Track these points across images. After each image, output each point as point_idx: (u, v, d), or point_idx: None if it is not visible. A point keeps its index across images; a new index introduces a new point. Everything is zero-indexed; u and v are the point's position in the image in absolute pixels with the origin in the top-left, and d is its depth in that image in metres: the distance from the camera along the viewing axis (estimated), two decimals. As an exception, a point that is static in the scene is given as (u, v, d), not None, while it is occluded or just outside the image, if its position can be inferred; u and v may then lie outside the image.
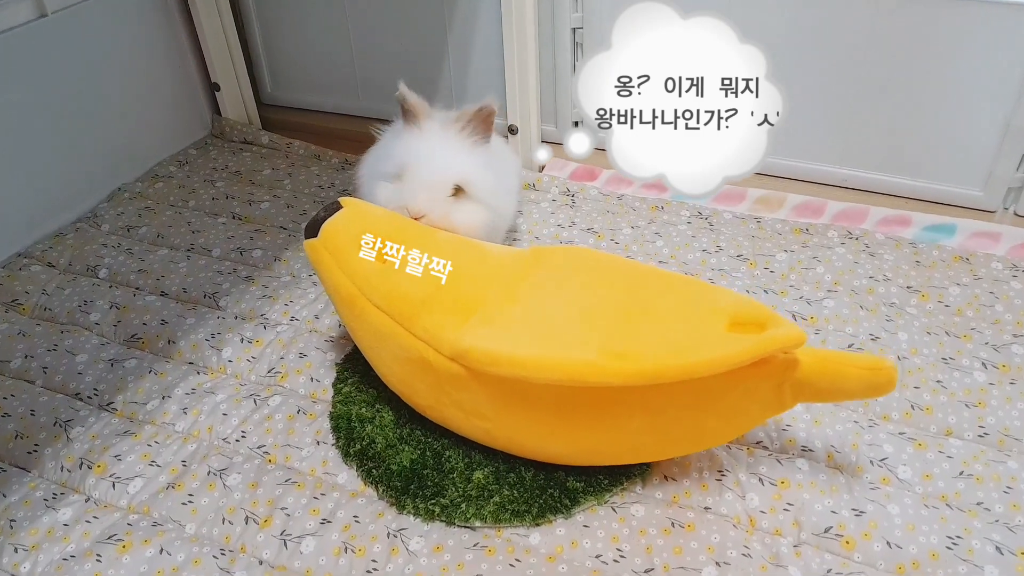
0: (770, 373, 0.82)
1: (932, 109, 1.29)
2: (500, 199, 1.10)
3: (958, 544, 0.84)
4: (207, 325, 1.18)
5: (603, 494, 0.90)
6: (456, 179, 1.03)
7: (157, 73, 1.60)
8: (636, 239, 1.30)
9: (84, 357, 1.13)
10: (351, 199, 0.97)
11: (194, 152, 1.65)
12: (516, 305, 0.89)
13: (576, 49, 1.48)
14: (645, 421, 0.85)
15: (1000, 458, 0.93)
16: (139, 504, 0.93)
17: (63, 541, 0.89)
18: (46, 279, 1.29)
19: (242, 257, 1.32)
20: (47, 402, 1.07)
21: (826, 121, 1.37)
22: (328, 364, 1.10)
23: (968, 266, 1.20)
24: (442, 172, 1.02)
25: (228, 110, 1.71)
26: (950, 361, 1.04)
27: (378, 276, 0.91)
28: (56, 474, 0.98)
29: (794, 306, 1.14)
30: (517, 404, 0.87)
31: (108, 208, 1.47)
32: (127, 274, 1.29)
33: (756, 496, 0.89)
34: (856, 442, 0.95)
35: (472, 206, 1.05)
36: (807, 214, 1.35)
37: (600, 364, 0.80)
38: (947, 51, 1.24)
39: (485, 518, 0.88)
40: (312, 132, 1.72)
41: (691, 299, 0.87)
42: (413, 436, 0.97)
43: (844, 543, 0.85)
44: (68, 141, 1.44)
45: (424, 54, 1.59)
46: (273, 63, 1.77)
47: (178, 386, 1.08)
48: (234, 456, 0.98)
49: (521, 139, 1.49)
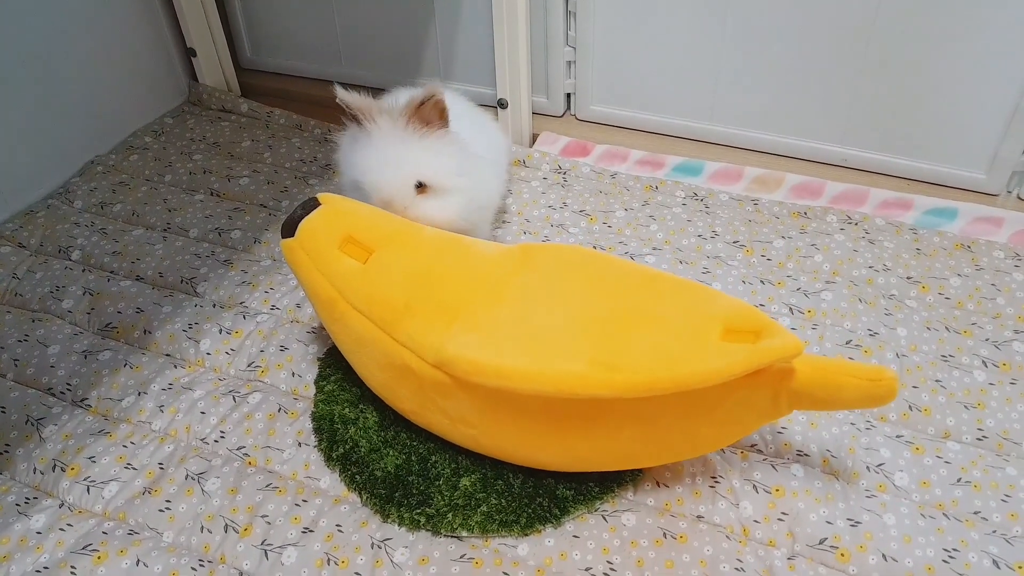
0: (766, 383, 0.79)
1: (937, 88, 1.25)
2: (474, 182, 1.05)
3: (955, 557, 0.82)
4: (184, 314, 1.13)
5: (593, 502, 0.88)
6: (414, 178, 0.99)
7: (130, 37, 1.52)
8: (630, 222, 1.25)
9: (56, 348, 1.09)
10: (330, 195, 0.92)
11: (170, 121, 1.59)
12: (503, 309, 0.85)
13: (569, 18, 1.42)
14: (637, 430, 0.83)
15: (999, 463, 0.90)
16: (115, 510, 0.90)
17: (36, 551, 0.86)
18: (16, 261, 1.25)
19: (220, 238, 1.27)
20: (18, 398, 1.03)
21: (827, 99, 1.32)
22: (310, 358, 1.06)
23: (970, 254, 1.16)
24: (398, 175, 0.98)
25: (205, 76, 1.64)
26: (950, 359, 1.02)
27: (358, 278, 0.87)
28: (28, 476, 0.95)
29: (791, 298, 1.10)
30: (504, 412, 0.84)
31: (81, 183, 1.41)
32: (101, 256, 1.24)
33: (750, 504, 0.87)
34: (852, 446, 0.92)
35: (441, 200, 1.01)
36: (806, 195, 1.31)
37: (590, 376, 0.77)
38: (954, 29, 1.19)
39: (472, 528, 0.86)
40: (292, 99, 1.65)
41: (685, 305, 0.84)
42: (398, 439, 0.94)
43: (839, 555, 0.83)
44: (37, 111, 1.38)
45: (410, 18, 1.52)
46: (252, 27, 1.69)
47: (154, 381, 1.05)
48: (213, 458, 0.95)
49: (511, 112, 1.43)
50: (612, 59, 1.44)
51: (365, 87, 1.15)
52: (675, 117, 1.46)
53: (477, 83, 1.54)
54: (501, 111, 1.44)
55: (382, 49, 1.58)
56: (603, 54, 1.44)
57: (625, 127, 1.51)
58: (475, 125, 1.15)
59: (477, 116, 1.22)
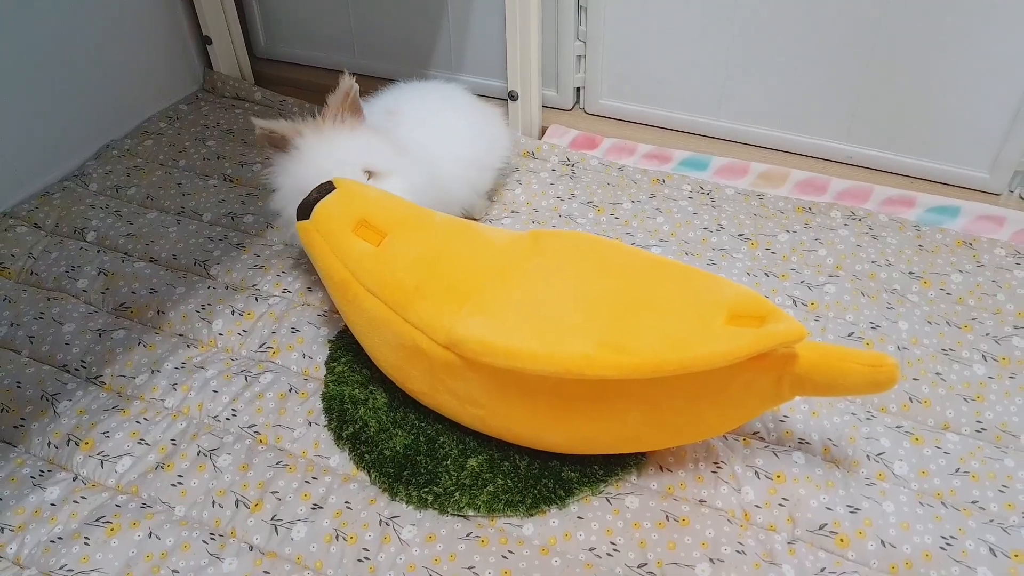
0: (769, 367, 0.81)
1: (941, 88, 1.26)
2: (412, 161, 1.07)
3: (952, 544, 0.83)
4: (197, 295, 1.15)
5: (598, 484, 0.90)
6: (360, 166, 1.01)
7: (147, 25, 1.54)
8: (636, 214, 1.27)
9: (71, 326, 1.11)
10: (345, 180, 0.94)
11: (185, 108, 1.60)
12: (513, 292, 0.87)
13: (580, 13, 1.44)
14: (642, 412, 0.84)
15: (996, 455, 0.92)
16: (127, 484, 0.92)
17: (50, 522, 0.88)
18: (32, 241, 1.26)
19: (233, 223, 1.29)
20: (34, 373, 1.05)
21: (833, 97, 1.34)
22: (321, 340, 1.08)
23: (971, 251, 1.18)
24: (346, 168, 0.99)
25: (220, 64, 1.66)
26: (950, 352, 1.03)
27: (372, 260, 0.89)
28: (43, 450, 0.97)
29: (795, 291, 1.12)
30: (512, 393, 0.86)
31: (96, 166, 1.43)
32: (116, 238, 1.26)
33: (751, 490, 0.89)
34: (853, 435, 0.94)
35: (387, 181, 1.03)
36: (810, 191, 1.33)
37: (597, 357, 0.79)
38: (960, 29, 1.20)
39: (479, 507, 0.87)
40: (306, 88, 1.67)
41: (691, 291, 0.85)
42: (407, 420, 0.95)
43: (838, 541, 0.84)
44: (54, 96, 1.40)
45: (423, 11, 1.54)
46: (267, 16, 1.71)
47: (167, 360, 1.06)
48: (224, 436, 0.97)
49: (522, 105, 1.45)
50: (621, 54, 1.46)
51: (377, 77, 1.17)
52: (682, 112, 1.47)
53: (488, 75, 1.55)
54: (511, 103, 1.45)
55: (395, 40, 1.60)
56: (612, 49, 1.46)
57: (633, 121, 1.52)
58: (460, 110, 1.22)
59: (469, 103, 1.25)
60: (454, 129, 1.19)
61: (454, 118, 1.20)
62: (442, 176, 1.13)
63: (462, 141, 1.19)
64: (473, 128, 1.21)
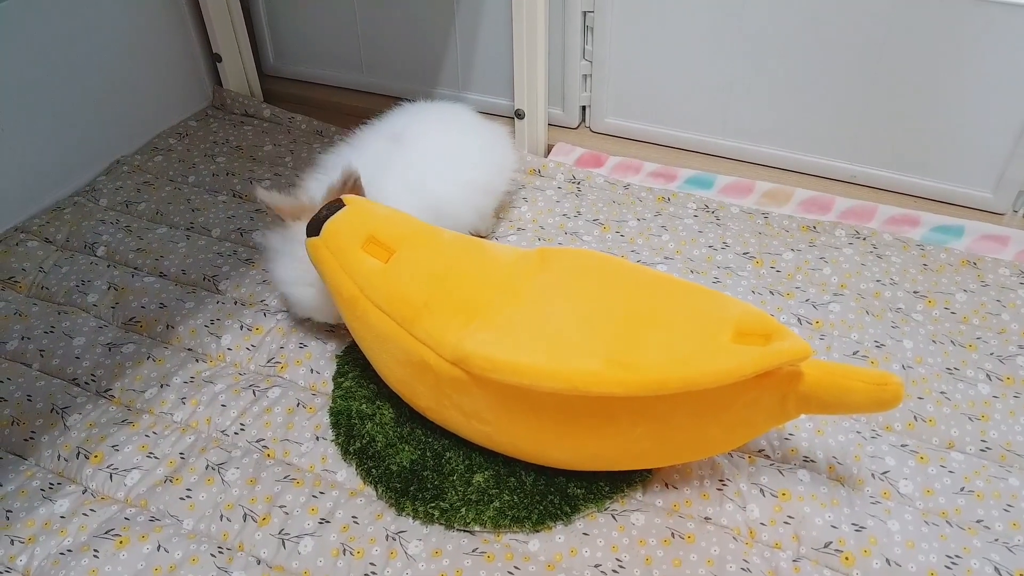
0: (774, 385, 0.82)
1: (945, 108, 1.27)
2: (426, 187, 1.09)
3: (957, 564, 0.84)
4: (206, 310, 1.16)
5: (603, 501, 0.90)
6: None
7: (157, 42, 1.56)
8: (642, 232, 1.28)
9: (81, 340, 1.12)
10: (354, 196, 0.95)
11: (194, 124, 1.62)
12: (520, 308, 0.88)
13: (586, 33, 1.45)
14: (648, 429, 0.85)
15: (1001, 474, 0.92)
16: (136, 497, 0.93)
17: (60, 534, 0.89)
18: (43, 256, 1.28)
19: (242, 238, 1.30)
20: (44, 387, 1.06)
21: (838, 116, 1.35)
22: (328, 355, 1.09)
23: (975, 271, 1.18)
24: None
25: (229, 81, 1.67)
26: (954, 371, 1.04)
27: (380, 277, 0.90)
28: (53, 463, 0.97)
29: (800, 309, 1.13)
30: (518, 409, 0.86)
31: (106, 182, 1.45)
32: (125, 252, 1.27)
33: (756, 507, 0.89)
34: (858, 454, 0.94)
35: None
36: (814, 210, 1.34)
37: (604, 374, 0.80)
38: (963, 50, 1.22)
39: (485, 523, 0.88)
40: (314, 106, 1.69)
41: (697, 308, 0.86)
42: (414, 435, 0.96)
43: (843, 559, 0.85)
44: (66, 112, 1.41)
45: (431, 30, 1.56)
46: (276, 34, 1.73)
47: (176, 374, 1.07)
48: (232, 450, 0.98)
49: (528, 123, 1.46)
50: (627, 73, 1.47)
51: (384, 95, 1.18)
52: (688, 131, 1.49)
53: (494, 94, 1.57)
54: (518, 121, 1.47)
55: (402, 58, 1.62)
56: (618, 69, 1.47)
57: (638, 140, 1.54)
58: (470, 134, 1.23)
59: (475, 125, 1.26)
60: (460, 155, 1.19)
61: (460, 143, 1.21)
62: (450, 203, 1.14)
63: (469, 166, 1.19)
64: (480, 153, 1.22)
